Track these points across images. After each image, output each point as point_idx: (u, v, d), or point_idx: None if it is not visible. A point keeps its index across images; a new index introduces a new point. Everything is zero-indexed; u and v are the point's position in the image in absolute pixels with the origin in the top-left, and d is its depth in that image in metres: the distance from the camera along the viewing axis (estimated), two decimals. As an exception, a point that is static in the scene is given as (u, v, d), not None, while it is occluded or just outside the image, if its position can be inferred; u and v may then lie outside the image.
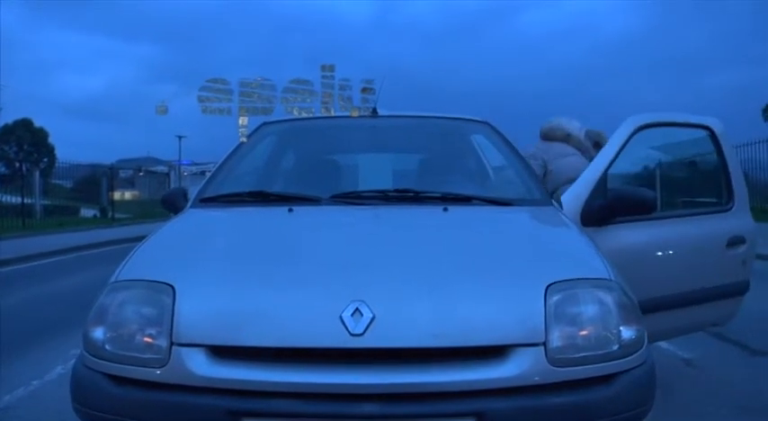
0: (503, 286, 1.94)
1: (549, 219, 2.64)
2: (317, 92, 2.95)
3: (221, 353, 1.80)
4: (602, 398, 1.81)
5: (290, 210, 2.55)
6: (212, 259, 2.16)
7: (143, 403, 1.82)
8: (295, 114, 3.01)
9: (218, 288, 1.95)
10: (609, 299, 1.91)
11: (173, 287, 1.90)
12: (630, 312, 1.92)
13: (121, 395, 1.84)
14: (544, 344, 1.79)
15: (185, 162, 44.98)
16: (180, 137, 51.17)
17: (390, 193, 2.76)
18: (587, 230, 2.70)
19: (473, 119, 3.57)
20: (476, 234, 2.37)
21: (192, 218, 2.72)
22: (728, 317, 3.47)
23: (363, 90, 3.03)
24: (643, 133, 3.19)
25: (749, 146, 18.29)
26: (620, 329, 1.88)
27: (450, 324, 1.78)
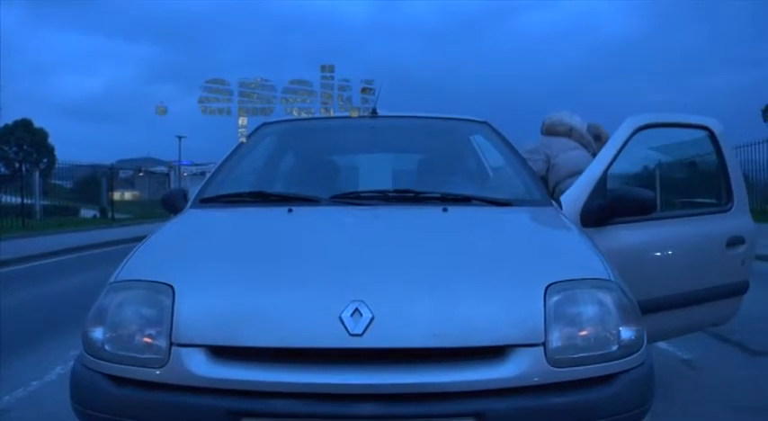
0: (502, 286, 1.94)
1: (548, 219, 2.64)
2: (316, 92, 2.95)
3: (221, 353, 1.80)
4: (602, 398, 1.81)
5: (290, 211, 2.55)
6: (212, 259, 2.16)
7: (142, 403, 1.82)
8: (294, 115, 3.02)
9: (218, 288, 1.95)
10: (608, 299, 1.91)
11: (172, 287, 1.90)
12: (630, 312, 1.92)
13: (121, 395, 1.84)
14: (544, 344, 1.79)
15: (185, 162, 44.91)
16: (180, 137, 51.13)
17: (390, 194, 2.76)
18: (587, 231, 2.70)
19: (472, 119, 3.57)
20: (475, 234, 2.37)
21: (192, 218, 2.72)
22: (728, 317, 3.48)
23: (363, 90, 3.03)
24: (643, 134, 3.19)
25: (749, 146, 18.30)
26: (620, 330, 1.88)
27: (450, 324, 1.78)
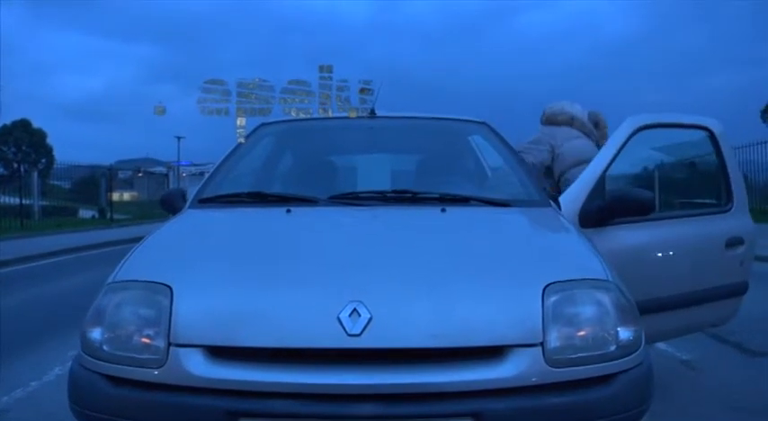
0: (500, 287, 1.94)
1: (547, 219, 2.64)
2: (314, 93, 2.95)
3: (219, 353, 1.80)
4: (600, 398, 1.81)
5: (289, 211, 2.55)
6: (210, 260, 2.16)
7: (141, 404, 1.82)
8: (293, 115, 3.01)
9: (216, 288, 1.95)
10: (606, 299, 1.91)
11: (170, 288, 1.89)
12: (628, 313, 1.92)
13: (119, 396, 1.84)
14: (542, 344, 1.79)
15: (184, 163, 44.85)
16: (178, 137, 51.10)
17: (388, 194, 2.76)
18: (586, 231, 2.70)
19: (471, 119, 3.57)
20: (474, 235, 2.37)
21: (191, 218, 2.72)
22: (727, 317, 3.48)
23: (361, 91, 3.03)
24: (642, 134, 3.19)
25: (748, 147, 18.32)
26: (618, 330, 1.88)
27: (448, 324, 1.78)
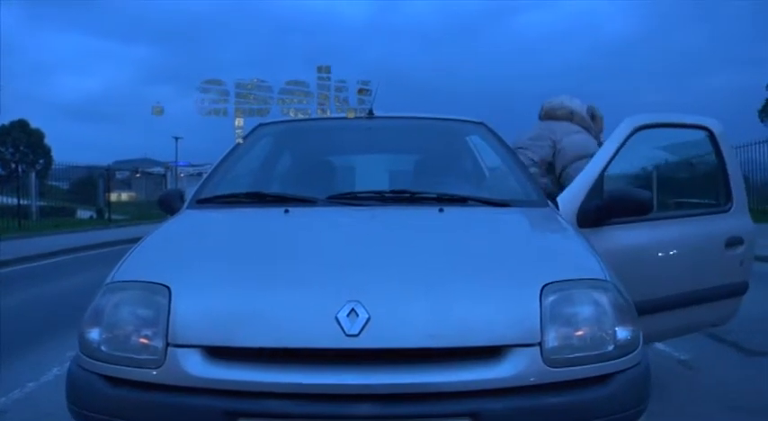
0: (498, 287, 1.94)
1: (545, 219, 2.64)
2: (313, 93, 2.95)
3: (217, 353, 1.80)
4: (598, 398, 1.81)
5: (287, 211, 2.55)
6: (208, 260, 2.16)
7: (139, 404, 1.82)
8: (291, 116, 3.02)
9: (215, 289, 1.95)
10: (604, 299, 1.91)
11: (168, 288, 1.89)
12: (626, 313, 1.92)
13: (117, 396, 1.84)
14: (540, 344, 1.79)
15: (182, 163, 44.80)
16: (176, 138, 51.05)
17: (386, 194, 2.76)
18: (584, 231, 2.70)
19: (469, 120, 3.57)
20: (472, 235, 2.37)
21: (189, 219, 2.72)
22: (727, 317, 3.47)
23: (359, 91, 3.03)
24: (642, 134, 3.19)
25: (746, 147, 18.34)
26: (616, 330, 1.88)
27: (446, 324, 1.79)
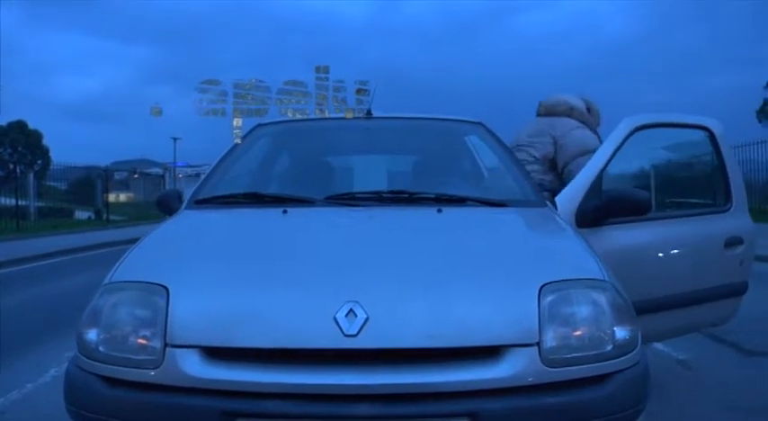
0: (497, 287, 1.94)
1: (543, 219, 2.64)
2: (311, 93, 2.95)
3: (215, 354, 1.80)
4: (596, 398, 1.81)
5: (285, 212, 2.55)
6: (206, 260, 2.16)
7: (137, 404, 1.82)
8: (289, 116, 3.01)
9: (213, 289, 1.95)
10: (603, 299, 1.91)
11: (166, 288, 1.89)
12: (624, 313, 1.92)
13: (115, 396, 1.84)
14: (538, 344, 1.79)
15: (180, 164, 44.76)
16: (175, 138, 51.03)
17: (385, 195, 2.76)
18: (582, 231, 2.71)
19: (467, 120, 3.57)
20: (470, 235, 2.37)
21: (187, 219, 2.71)
22: (727, 317, 3.47)
23: (358, 91, 3.03)
24: (641, 134, 3.18)
25: (745, 147, 18.36)
26: (614, 330, 1.88)
27: (445, 324, 1.78)
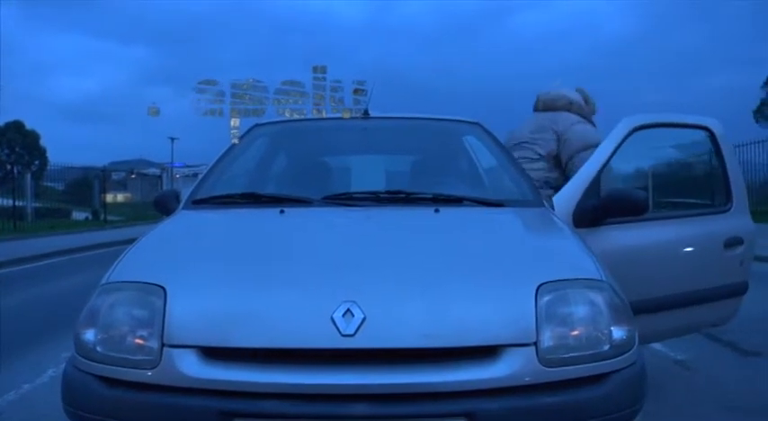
0: (494, 286, 1.94)
1: (540, 219, 2.64)
2: (308, 93, 2.95)
3: (213, 354, 1.80)
4: (593, 397, 1.81)
5: (282, 212, 2.55)
6: (204, 260, 2.16)
7: (134, 405, 1.81)
8: (287, 116, 3.01)
9: (210, 289, 1.95)
10: (600, 299, 1.91)
11: (164, 288, 1.89)
12: (621, 312, 1.92)
13: (112, 397, 1.84)
14: (535, 344, 1.79)
15: (178, 164, 44.75)
16: (172, 139, 51.04)
17: (382, 195, 2.76)
18: (580, 231, 2.71)
19: (465, 120, 3.57)
20: (467, 235, 2.37)
21: (184, 219, 2.71)
22: (727, 317, 3.45)
23: (355, 91, 3.03)
24: (638, 134, 3.18)
25: (742, 147, 18.38)
26: (611, 329, 1.88)
27: (441, 324, 1.78)
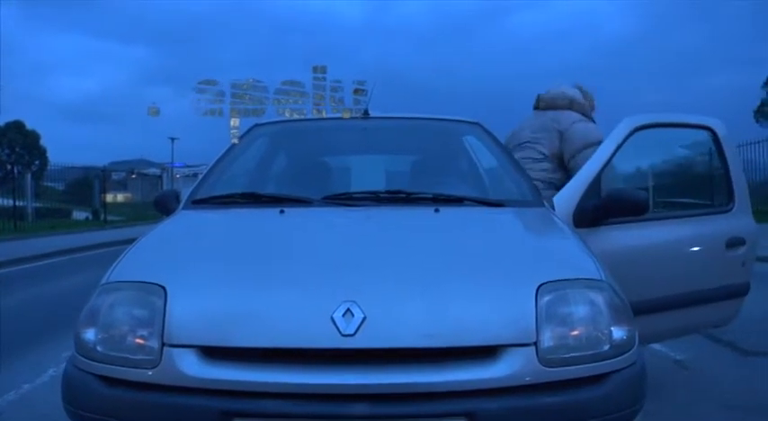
0: (494, 286, 1.94)
1: (540, 219, 2.64)
2: (308, 93, 2.95)
3: (213, 353, 1.80)
4: (593, 397, 1.81)
5: (282, 212, 2.55)
6: (204, 260, 2.16)
7: (134, 404, 1.82)
8: (287, 116, 3.01)
9: (210, 289, 1.95)
10: (600, 299, 1.91)
11: (164, 288, 1.89)
12: (621, 312, 1.92)
13: (113, 396, 1.84)
14: (535, 344, 1.79)
15: (178, 164, 44.74)
16: (173, 139, 51.03)
17: (382, 194, 2.76)
18: (581, 231, 2.71)
19: (465, 120, 3.57)
20: (467, 235, 2.37)
21: (184, 219, 2.71)
22: (729, 318, 3.44)
23: (355, 91, 3.03)
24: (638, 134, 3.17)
25: (742, 147, 18.36)
26: (611, 329, 1.88)
27: (442, 324, 1.79)
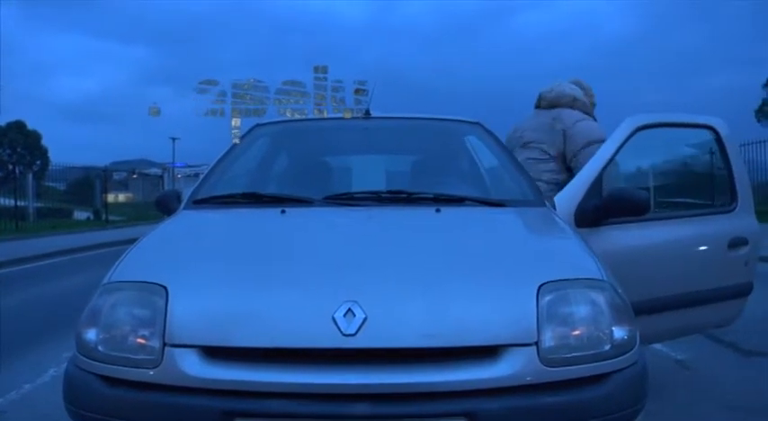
0: (495, 286, 1.94)
1: (541, 219, 2.64)
2: (309, 93, 2.95)
3: (214, 353, 1.80)
4: (594, 397, 1.81)
5: (283, 212, 2.55)
6: (205, 260, 2.16)
7: (136, 404, 1.82)
8: (288, 116, 3.01)
9: (211, 289, 1.95)
10: (601, 299, 1.91)
11: (165, 288, 1.90)
12: (622, 312, 1.93)
13: (114, 396, 1.84)
14: (536, 343, 1.79)
15: (179, 164, 44.72)
16: (174, 139, 51.02)
17: (383, 194, 2.76)
18: (582, 231, 2.71)
19: (466, 120, 3.57)
20: (468, 235, 2.38)
21: (185, 219, 2.71)
22: (732, 318, 3.44)
23: (356, 91, 3.03)
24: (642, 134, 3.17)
25: (743, 147, 18.38)
26: (613, 329, 1.88)
27: (443, 324, 1.79)
